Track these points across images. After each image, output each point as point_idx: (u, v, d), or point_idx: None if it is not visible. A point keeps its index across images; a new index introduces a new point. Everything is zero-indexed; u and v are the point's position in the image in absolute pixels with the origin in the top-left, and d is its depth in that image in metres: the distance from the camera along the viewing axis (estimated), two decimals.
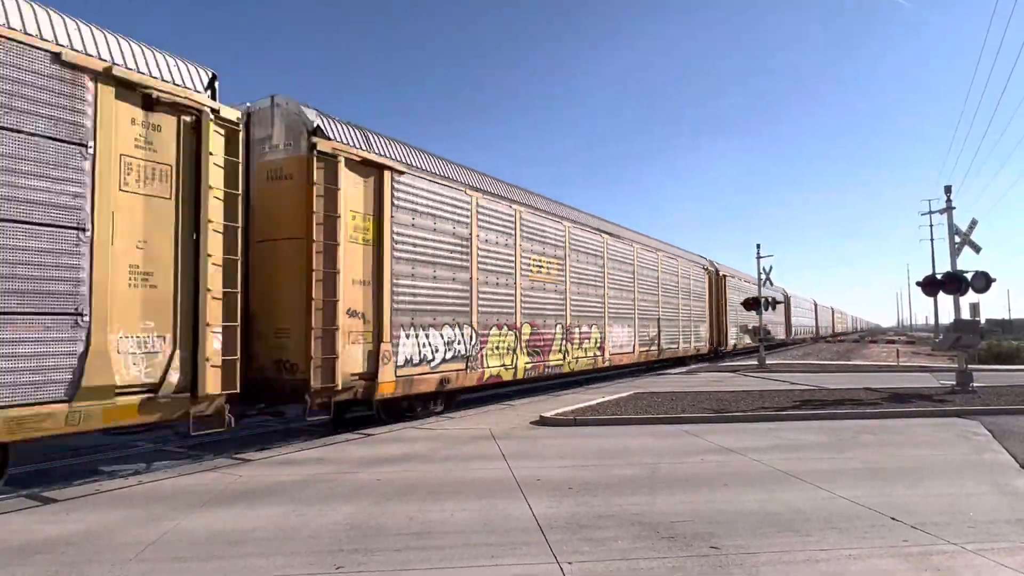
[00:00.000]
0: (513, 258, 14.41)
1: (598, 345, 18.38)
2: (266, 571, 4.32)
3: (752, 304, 26.32)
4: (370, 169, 10.53)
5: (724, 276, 31.73)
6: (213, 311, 7.69)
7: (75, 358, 6.55)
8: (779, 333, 44.35)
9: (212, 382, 7.63)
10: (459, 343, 12.41)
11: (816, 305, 68.74)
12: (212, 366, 7.63)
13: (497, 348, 13.64)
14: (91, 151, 6.75)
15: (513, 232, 14.48)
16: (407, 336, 11.12)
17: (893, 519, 5.36)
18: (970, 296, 14.96)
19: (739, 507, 5.75)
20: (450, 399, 12.79)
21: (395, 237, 10.93)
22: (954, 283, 14.62)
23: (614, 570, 4.30)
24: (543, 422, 10.92)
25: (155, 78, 7.41)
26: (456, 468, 7.53)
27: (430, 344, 11.68)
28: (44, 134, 6.41)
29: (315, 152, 9.53)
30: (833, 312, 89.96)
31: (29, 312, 6.24)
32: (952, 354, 18.98)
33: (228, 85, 8.75)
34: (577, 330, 17.17)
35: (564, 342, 16.42)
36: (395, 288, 10.86)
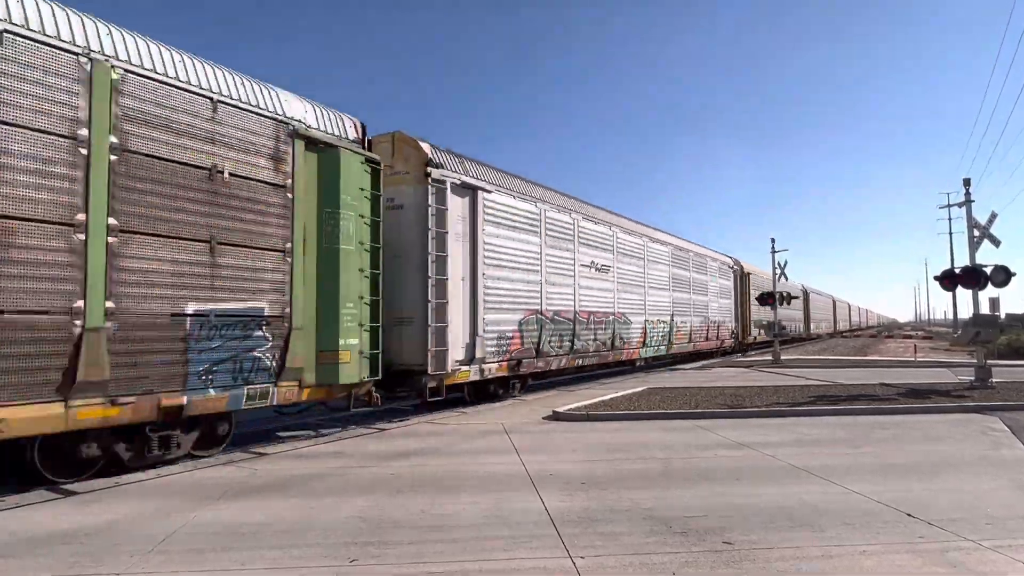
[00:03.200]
0: None
1: None
2: (282, 563, 4.38)
3: (767, 299, 26.33)
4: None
5: (478, 190, 12.49)
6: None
7: None
8: (711, 333, 26.45)
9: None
10: None
11: (807, 294, 48.06)
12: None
13: None
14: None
15: None
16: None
17: (909, 515, 5.31)
18: (989, 290, 14.77)
19: (753, 502, 5.73)
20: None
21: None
22: (973, 277, 14.40)
23: (626, 564, 4.31)
24: (556, 417, 10.94)
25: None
26: (469, 462, 7.57)
27: None
28: None
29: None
30: (835, 303, 68.39)
31: None
32: (971, 349, 18.74)
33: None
34: None
35: None
36: None
